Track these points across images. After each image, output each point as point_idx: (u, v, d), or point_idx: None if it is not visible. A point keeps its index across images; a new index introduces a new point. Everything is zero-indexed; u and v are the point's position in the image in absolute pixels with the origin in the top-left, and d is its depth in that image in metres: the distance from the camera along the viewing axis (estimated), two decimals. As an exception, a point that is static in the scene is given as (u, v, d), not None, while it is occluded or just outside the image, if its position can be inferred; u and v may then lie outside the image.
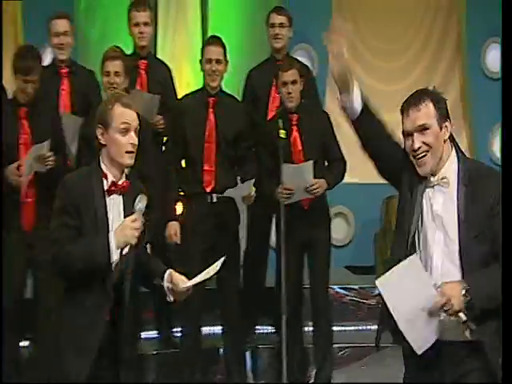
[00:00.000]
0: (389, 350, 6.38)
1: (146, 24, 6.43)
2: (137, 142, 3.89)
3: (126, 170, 4.00)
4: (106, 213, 3.88)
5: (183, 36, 8.24)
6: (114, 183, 3.89)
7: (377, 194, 7.33)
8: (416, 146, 3.58)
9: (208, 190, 5.92)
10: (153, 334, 6.69)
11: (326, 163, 6.15)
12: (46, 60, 6.32)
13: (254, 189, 5.91)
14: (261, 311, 6.69)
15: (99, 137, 3.88)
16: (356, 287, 7.25)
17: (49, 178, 5.59)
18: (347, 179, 6.24)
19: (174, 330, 6.46)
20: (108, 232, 3.79)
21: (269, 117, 6.39)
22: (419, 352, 3.53)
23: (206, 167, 5.91)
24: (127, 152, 3.85)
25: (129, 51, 6.30)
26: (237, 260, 6.12)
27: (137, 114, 3.97)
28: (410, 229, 3.63)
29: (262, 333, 6.77)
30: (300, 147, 5.98)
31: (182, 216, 6.04)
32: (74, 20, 6.33)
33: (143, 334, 6.57)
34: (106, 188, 3.89)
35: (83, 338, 3.82)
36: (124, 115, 3.86)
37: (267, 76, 6.43)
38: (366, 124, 3.71)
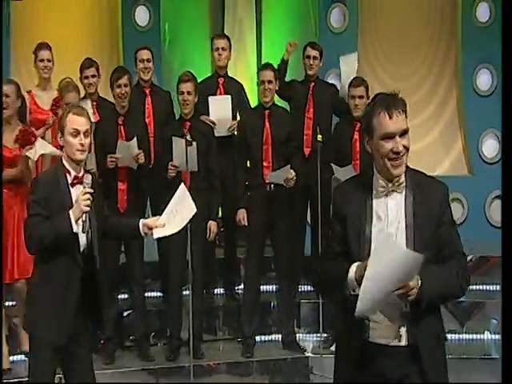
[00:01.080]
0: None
1: (223, 49, 6.56)
2: (85, 142, 3.85)
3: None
4: (71, 201, 3.84)
5: (243, 61, 8.39)
6: (75, 177, 3.88)
7: None
8: (400, 148, 3.02)
9: (267, 181, 6.03)
10: (221, 290, 6.82)
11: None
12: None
13: (293, 173, 5.93)
14: (302, 273, 6.69)
15: (59, 140, 3.90)
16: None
17: (137, 170, 5.80)
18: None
19: (239, 287, 6.60)
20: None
21: (307, 121, 6.46)
22: (356, 313, 2.92)
23: (265, 164, 6.05)
24: (77, 150, 3.83)
25: (198, 74, 6.29)
26: (291, 234, 6.20)
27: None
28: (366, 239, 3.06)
29: (304, 291, 6.77)
30: (359, 150, 6.01)
31: (247, 201, 6.09)
32: (161, 52, 6.54)
33: (216, 290, 6.77)
34: (69, 181, 3.87)
35: (59, 304, 3.83)
36: (74, 121, 3.86)
37: (303, 92, 6.58)
38: None
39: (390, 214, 3.07)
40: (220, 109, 6.37)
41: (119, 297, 6.23)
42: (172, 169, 5.76)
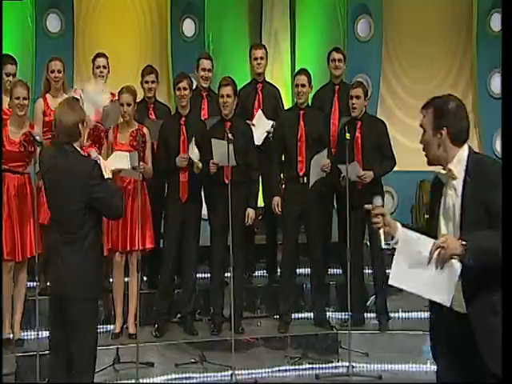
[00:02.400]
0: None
1: (261, 58, 6.55)
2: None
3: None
4: None
5: (278, 67, 8.37)
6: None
7: (413, 178, 7.47)
8: None
9: (301, 174, 6.08)
10: (263, 272, 6.84)
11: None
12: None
13: (328, 160, 5.93)
14: (330, 258, 6.67)
15: (81, 130, 3.99)
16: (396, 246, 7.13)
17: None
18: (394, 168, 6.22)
19: (278, 270, 6.56)
20: None
21: (332, 123, 6.42)
22: (447, 304, 2.97)
23: (299, 159, 6.08)
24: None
25: (238, 80, 6.28)
26: (322, 222, 6.23)
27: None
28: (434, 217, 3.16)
29: (333, 273, 6.78)
30: (360, 146, 6.05)
31: (283, 191, 6.13)
32: (213, 62, 6.48)
33: (256, 273, 6.80)
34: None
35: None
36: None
37: (329, 95, 6.57)
38: None
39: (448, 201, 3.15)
40: (261, 125, 6.38)
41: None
42: (213, 166, 5.80)
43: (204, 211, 6.21)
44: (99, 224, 4.07)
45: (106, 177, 4.03)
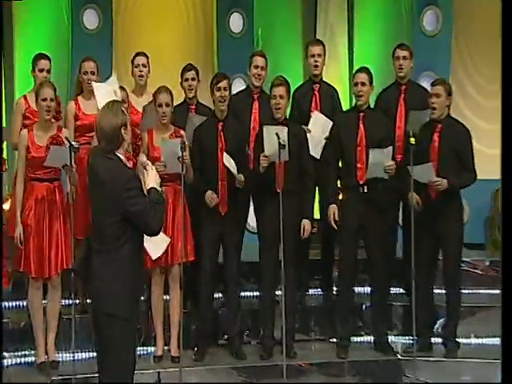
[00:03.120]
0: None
1: (319, 55, 6.50)
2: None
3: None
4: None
5: (335, 64, 8.33)
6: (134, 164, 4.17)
7: (487, 187, 7.36)
8: None
9: (361, 182, 6.01)
10: (318, 290, 6.82)
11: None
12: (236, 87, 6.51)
13: (393, 162, 5.91)
14: (394, 276, 6.62)
15: (125, 135, 4.01)
16: (469, 259, 7.07)
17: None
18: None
19: (334, 288, 6.59)
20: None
21: (398, 126, 6.40)
22: None
23: (358, 165, 6.02)
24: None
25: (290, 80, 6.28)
26: (384, 236, 6.17)
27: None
28: None
29: (396, 293, 6.71)
30: (437, 151, 5.98)
31: (341, 202, 6.11)
32: (267, 60, 6.49)
33: (310, 291, 6.78)
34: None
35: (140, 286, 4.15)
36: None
37: (394, 95, 6.52)
38: None
39: None
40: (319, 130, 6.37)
41: (214, 295, 6.30)
42: (264, 159, 5.77)
43: (252, 223, 6.25)
44: (138, 237, 4.05)
45: (151, 186, 4.02)
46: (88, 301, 5.76)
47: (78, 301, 5.94)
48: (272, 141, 5.74)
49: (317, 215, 6.58)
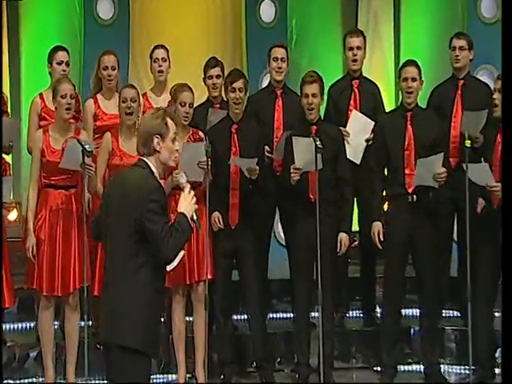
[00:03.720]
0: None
1: (358, 48, 6.44)
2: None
3: None
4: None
5: (378, 58, 8.26)
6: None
7: None
8: None
9: (410, 190, 5.89)
10: (359, 313, 6.79)
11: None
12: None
13: (444, 169, 5.77)
14: (448, 297, 6.58)
15: (156, 145, 3.92)
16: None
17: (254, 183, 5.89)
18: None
19: (377, 310, 6.55)
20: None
21: (453, 126, 6.29)
22: None
23: (406, 171, 5.91)
24: (176, 157, 4.01)
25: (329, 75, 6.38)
26: (435, 251, 6.05)
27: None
28: None
29: (449, 316, 6.67)
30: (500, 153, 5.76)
31: (386, 213, 6.04)
32: (287, 50, 6.53)
33: (350, 313, 6.77)
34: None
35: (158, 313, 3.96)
36: (174, 128, 3.99)
37: (450, 91, 6.40)
38: None
39: None
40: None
41: (234, 317, 6.35)
42: (295, 172, 5.76)
43: (281, 236, 6.32)
44: (157, 260, 3.92)
45: (183, 212, 3.91)
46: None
47: (90, 322, 5.92)
48: (303, 150, 5.69)
49: (355, 227, 6.51)
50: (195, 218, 3.93)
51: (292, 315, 6.25)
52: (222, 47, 7.95)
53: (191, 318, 5.94)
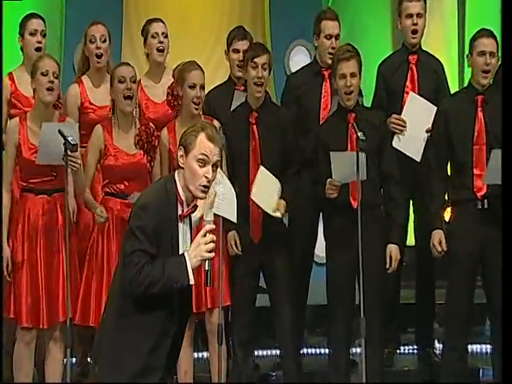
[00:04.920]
0: None
1: (419, 15, 6.31)
2: (212, 178, 3.93)
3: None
4: (178, 240, 3.97)
5: (439, 28, 8.17)
6: (188, 210, 3.99)
7: None
8: None
9: (479, 195, 5.75)
10: (412, 348, 6.72)
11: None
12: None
13: None
14: None
15: (179, 158, 3.97)
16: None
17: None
18: None
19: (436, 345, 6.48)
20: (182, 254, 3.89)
21: None
22: None
23: (475, 171, 5.79)
24: (202, 185, 3.92)
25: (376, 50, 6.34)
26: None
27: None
28: None
29: None
30: None
31: (448, 223, 5.92)
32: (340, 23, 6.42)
33: (402, 348, 6.74)
34: (179, 213, 3.96)
35: (146, 361, 3.92)
36: (205, 147, 3.93)
37: None
38: None
39: None
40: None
41: (258, 353, 6.44)
42: (333, 189, 5.72)
43: (318, 252, 6.30)
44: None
45: (186, 258, 3.86)
46: (89, 359, 5.94)
47: (74, 359, 5.98)
48: (343, 165, 5.66)
49: (411, 240, 6.47)
50: (207, 268, 3.89)
51: (327, 351, 6.21)
52: (237, 18, 7.88)
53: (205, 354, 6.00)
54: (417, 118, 6.13)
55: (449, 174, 6.00)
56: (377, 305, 5.76)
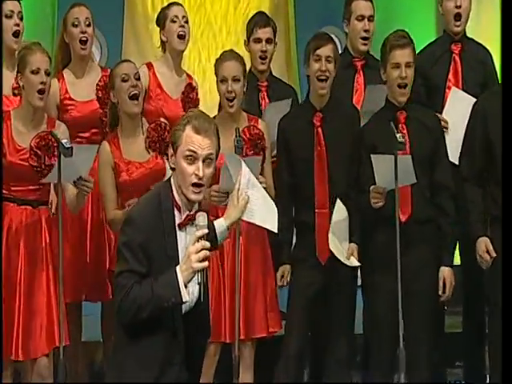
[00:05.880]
0: None
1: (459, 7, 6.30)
2: (203, 175, 3.96)
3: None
4: (177, 250, 4.00)
5: (486, 12, 8.28)
6: (188, 217, 4.02)
7: None
8: None
9: None
10: None
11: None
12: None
13: None
14: None
15: (170, 158, 4.05)
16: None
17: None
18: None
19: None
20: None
21: None
22: None
23: None
24: (192, 185, 3.95)
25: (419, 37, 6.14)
26: None
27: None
28: None
29: None
30: None
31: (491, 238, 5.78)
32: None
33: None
34: (177, 222, 4.01)
35: None
36: (191, 141, 3.98)
37: None
38: None
39: None
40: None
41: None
42: (377, 197, 5.68)
43: None
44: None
45: (179, 273, 3.89)
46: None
47: None
48: (387, 169, 5.61)
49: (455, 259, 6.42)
50: (199, 280, 3.91)
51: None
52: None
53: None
54: (460, 118, 6.08)
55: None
56: (423, 335, 5.75)
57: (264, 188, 5.40)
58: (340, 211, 5.83)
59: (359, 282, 6.12)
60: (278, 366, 5.97)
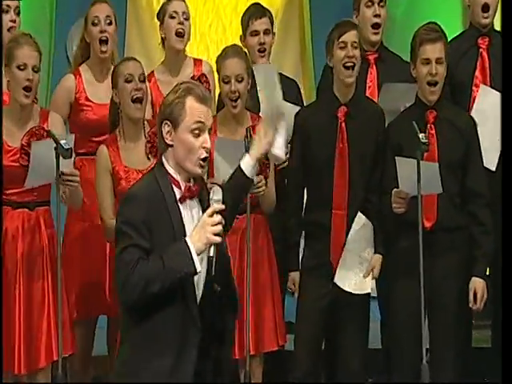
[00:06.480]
0: None
1: None
2: (207, 145, 4.02)
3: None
4: (183, 225, 4.04)
5: None
6: (188, 188, 4.07)
7: None
8: None
9: None
10: None
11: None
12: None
13: None
14: None
15: (166, 135, 4.03)
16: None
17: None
18: None
19: None
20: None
21: None
22: None
23: None
24: (200, 159, 4.01)
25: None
26: None
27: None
28: None
29: None
30: None
31: None
32: None
33: None
34: (178, 196, 4.06)
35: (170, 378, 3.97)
36: (198, 112, 4.01)
37: None
38: None
39: None
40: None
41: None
42: (399, 202, 5.71)
43: None
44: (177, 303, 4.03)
45: (189, 243, 3.93)
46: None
47: None
48: (410, 172, 5.64)
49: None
50: (211, 254, 3.92)
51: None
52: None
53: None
54: (489, 117, 6.12)
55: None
56: (451, 351, 5.80)
57: (261, 192, 5.68)
58: (361, 222, 5.91)
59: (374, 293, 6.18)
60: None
